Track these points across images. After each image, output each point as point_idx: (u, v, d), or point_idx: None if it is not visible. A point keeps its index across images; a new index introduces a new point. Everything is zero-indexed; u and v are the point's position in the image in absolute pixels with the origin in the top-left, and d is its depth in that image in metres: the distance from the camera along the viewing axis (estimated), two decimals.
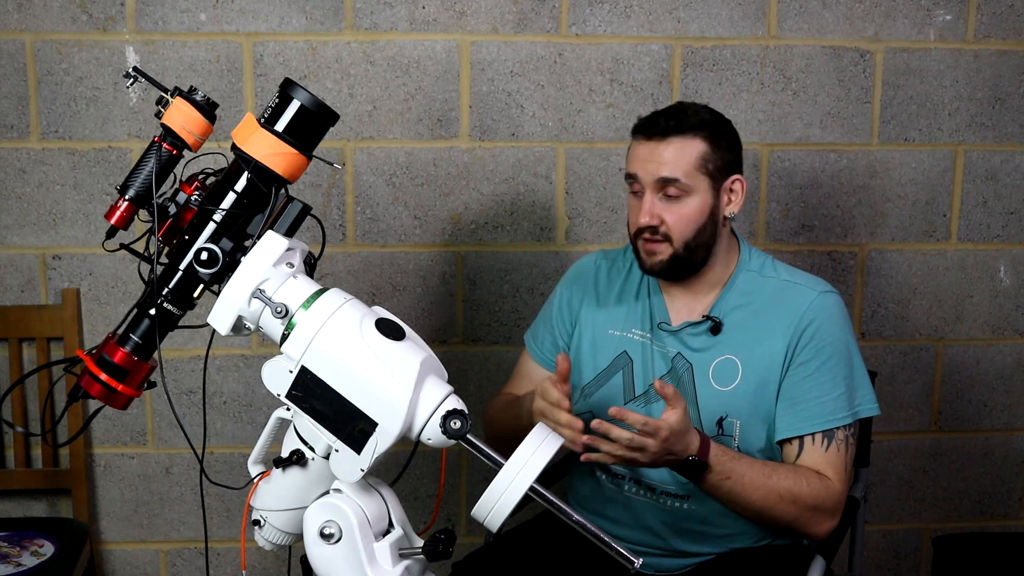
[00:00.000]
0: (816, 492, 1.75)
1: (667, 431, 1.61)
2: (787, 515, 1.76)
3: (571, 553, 1.87)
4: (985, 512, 2.75)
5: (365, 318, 1.39)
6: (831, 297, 1.85)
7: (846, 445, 1.80)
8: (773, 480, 1.74)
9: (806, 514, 1.76)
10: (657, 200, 1.81)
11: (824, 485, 1.76)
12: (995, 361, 2.67)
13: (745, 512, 1.77)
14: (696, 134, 1.80)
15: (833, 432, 1.79)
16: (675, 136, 1.80)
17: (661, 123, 1.81)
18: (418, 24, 2.40)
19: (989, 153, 2.58)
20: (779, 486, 1.74)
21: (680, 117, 1.82)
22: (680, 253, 1.82)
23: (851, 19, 2.48)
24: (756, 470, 1.74)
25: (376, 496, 1.47)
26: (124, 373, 1.47)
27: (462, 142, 2.45)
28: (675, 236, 1.81)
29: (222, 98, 2.33)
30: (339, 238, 2.47)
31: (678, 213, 1.80)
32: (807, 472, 1.77)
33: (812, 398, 1.79)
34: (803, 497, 1.75)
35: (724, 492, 1.73)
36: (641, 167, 1.82)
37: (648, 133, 1.82)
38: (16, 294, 2.45)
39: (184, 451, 2.52)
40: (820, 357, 1.80)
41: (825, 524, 1.79)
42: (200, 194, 1.48)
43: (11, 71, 2.36)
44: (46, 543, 2.26)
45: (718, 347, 1.84)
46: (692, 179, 1.80)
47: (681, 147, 1.79)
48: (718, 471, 1.71)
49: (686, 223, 1.81)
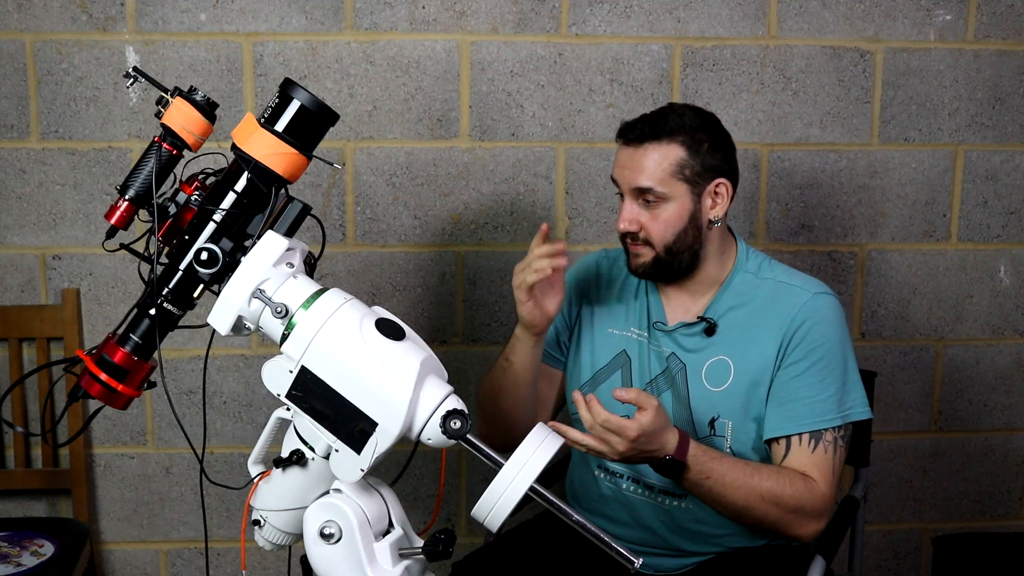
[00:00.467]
0: (799, 494, 1.74)
1: (636, 431, 1.60)
2: (769, 516, 1.74)
3: (571, 553, 1.87)
4: (985, 512, 2.75)
5: (365, 318, 1.39)
6: (826, 298, 1.84)
7: (835, 447, 1.78)
8: (755, 480, 1.72)
9: (788, 516, 1.74)
10: (636, 206, 1.81)
11: (808, 487, 1.75)
12: (995, 361, 2.67)
13: (726, 512, 1.76)
14: (672, 140, 1.79)
15: (821, 433, 1.77)
16: (651, 143, 1.79)
17: (638, 129, 1.81)
18: (418, 24, 2.40)
19: (989, 153, 2.58)
20: (761, 487, 1.72)
21: (658, 123, 1.80)
22: (662, 257, 1.82)
23: (851, 19, 2.48)
24: (737, 470, 1.73)
25: (376, 496, 1.47)
26: (124, 373, 1.47)
27: (462, 142, 2.45)
28: (655, 241, 1.81)
29: (222, 98, 2.33)
30: (339, 238, 2.47)
31: (656, 219, 1.80)
32: (791, 474, 1.75)
33: (800, 398, 1.78)
34: (785, 499, 1.73)
35: (704, 491, 1.72)
36: (619, 173, 1.83)
37: (627, 139, 1.82)
38: (16, 294, 2.45)
39: (184, 451, 2.52)
40: (811, 358, 1.79)
41: (810, 526, 1.77)
42: (200, 194, 1.48)
43: (11, 71, 2.36)
44: (46, 543, 2.26)
45: (711, 348, 1.84)
46: (668, 186, 1.79)
47: (656, 154, 1.78)
48: (697, 471, 1.69)
49: (665, 228, 1.80)
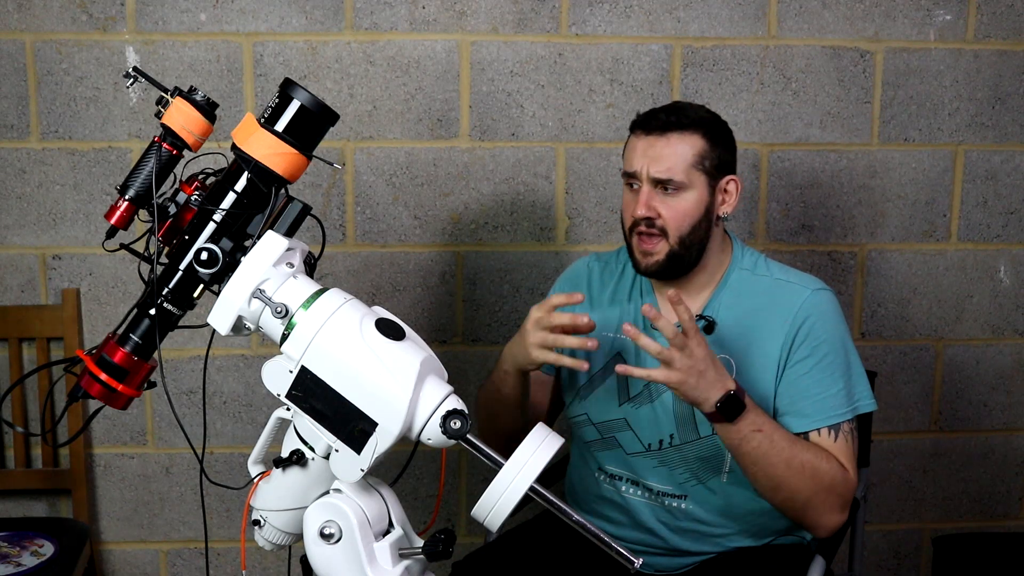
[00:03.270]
0: (834, 471, 1.74)
1: (699, 336, 1.64)
2: (804, 491, 1.72)
3: (571, 553, 1.87)
4: (985, 512, 2.75)
5: (365, 318, 1.39)
6: (824, 294, 1.84)
7: (852, 437, 1.80)
8: (798, 448, 1.72)
9: (822, 494, 1.73)
10: (654, 193, 1.81)
11: (840, 469, 1.75)
12: (995, 361, 2.67)
13: (764, 480, 1.72)
14: (695, 131, 1.81)
15: (839, 425, 1.78)
16: (675, 132, 1.80)
17: (661, 118, 1.81)
18: (418, 24, 2.40)
19: (989, 153, 2.58)
20: (803, 456, 1.71)
21: (680, 113, 1.82)
22: (676, 250, 1.81)
23: (851, 19, 2.48)
24: (782, 433, 1.72)
25: (376, 496, 1.47)
26: (124, 373, 1.47)
27: (462, 142, 2.45)
28: (671, 230, 1.80)
29: (222, 98, 2.33)
30: (339, 238, 2.47)
31: (674, 207, 1.80)
32: (826, 452, 1.75)
33: (812, 395, 1.79)
34: (822, 474, 1.72)
35: (751, 448, 1.69)
36: (639, 162, 1.82)
37: (647, 128, 1.82)
38: (16, 294, 2.45)
39: (184, 451, 2.52)
40: (816, 355, 1.79)
41: (835, 515, 1.77)
42: (200, 194, 1.48)
43: (11, 71, 2.36)
44: (46, 543, 2.26)
45: (711, 347, 1.84)
46: (689, 175, 1.80)
47: (680, 143, 1.80)
48: (751, 419, 1.68)
49: (682, 217, 1.80)
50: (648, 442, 1.87)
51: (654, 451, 1.86)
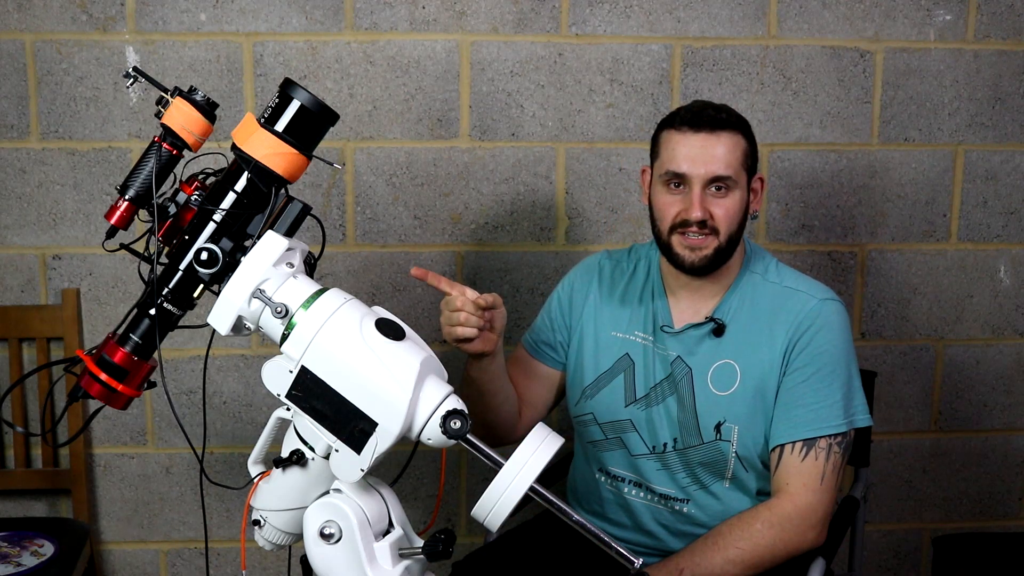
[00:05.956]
0: (772, 538, 1.75)
1: None
2: (762, 562, 1.75)
3: (571, 553, 1.87)
4: (985, 512, 2.75)
5: (365, 318, 1.39)
6: (832, 305, 1.83)
7: (827, 454, 1.77)
8: (725, 552, 1.74)
9: (779, 546, 1.75)
10: (706, 194, 1.79)
11: (784, 502, 1.76)
12: (995, 361, 2.67)
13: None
14: (739, 129, 1.81)
15: (814, 441, 1.77)
16: (726, 130, 1.79)
17: (711, 114, 1.79)
18: (418, 24, 2.40)
19: (989, 153, 2.58)
20: (731, 551, 1.74)
21: (727, 111, 1.81)
22: (723, 246, 1.81)
23: (851, 19, 2.48)
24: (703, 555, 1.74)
25: (376, 496, 1.47)
26: (124, 373, 1.47)
27: (462, 142, 2.45)
28: (722, 229, 1.79)
29: (222, 98, 2.33)
30: (339, 238, 2.47)
31: (725, 207, 1.79)
32: (749, 522, 1.76)
33: (805, 404, 1.78)
34: (761, 552, 1.75)
35: None
36: (692, 160, 1.78)
37: (696, 126, 1.78)
38: (16, 294, 2.45)
39: (184, 451, 2.52)
40: (814, 364, 1.79)
41: (806, 543, 1.78)
42: (200, 194, 1.48)
43: (11, 71, 2.36)
44: (46, 543, 2.26)
45: (717, 351, 1.84)
46: (738, 174, 1.80)
47: (731, 141, 1.79)
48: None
49: (732, 217, 1.80)
50: (652, 444, 1.87)
51: (658, 453, 1.86)
